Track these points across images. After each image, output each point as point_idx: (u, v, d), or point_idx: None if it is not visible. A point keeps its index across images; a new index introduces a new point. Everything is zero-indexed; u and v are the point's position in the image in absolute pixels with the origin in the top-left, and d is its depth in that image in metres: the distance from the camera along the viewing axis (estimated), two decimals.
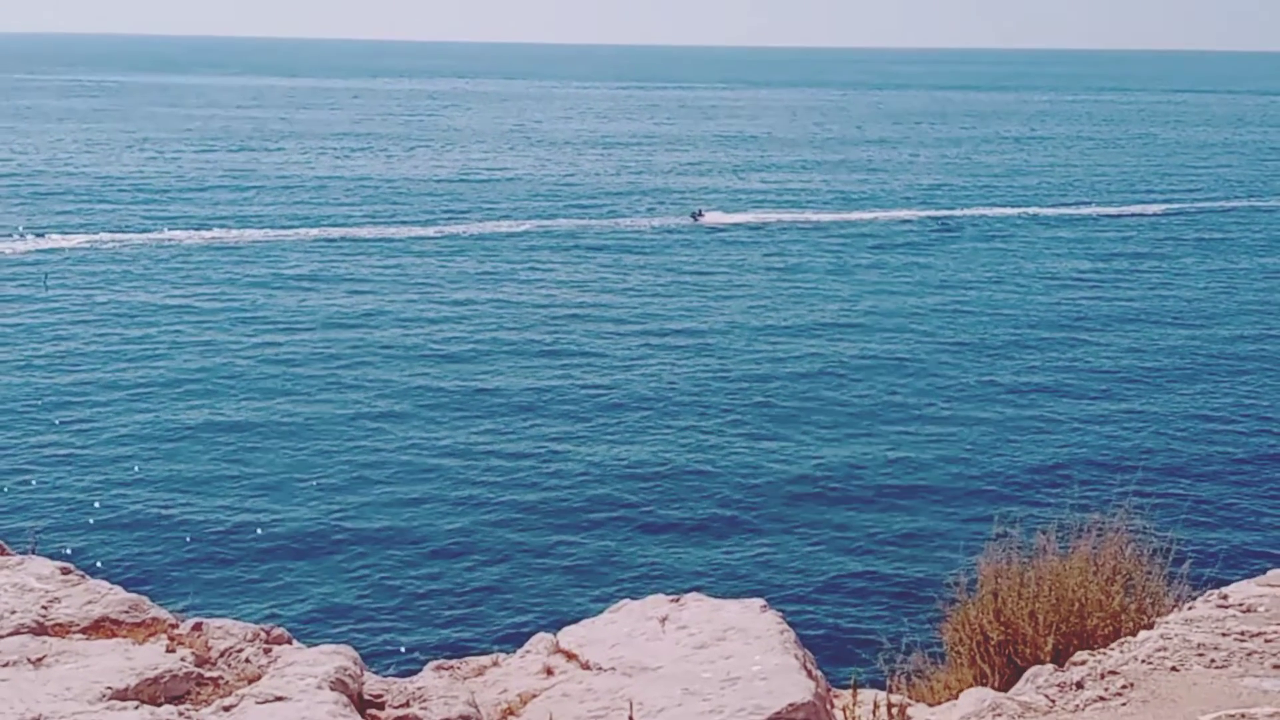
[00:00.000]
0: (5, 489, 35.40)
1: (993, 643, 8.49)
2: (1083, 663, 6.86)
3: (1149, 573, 8.75)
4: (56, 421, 41.28)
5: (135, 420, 41.54)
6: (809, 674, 7.17)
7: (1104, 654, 6.92)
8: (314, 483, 36.31)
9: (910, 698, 8.43)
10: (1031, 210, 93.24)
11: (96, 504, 34.47)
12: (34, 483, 35.98)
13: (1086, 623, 8.30)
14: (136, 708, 5.79)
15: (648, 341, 52.66)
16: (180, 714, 5.80)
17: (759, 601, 8.04)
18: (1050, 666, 7.15)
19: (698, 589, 9.00)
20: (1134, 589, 8.63)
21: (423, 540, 32.66)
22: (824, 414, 43.37)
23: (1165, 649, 6.76)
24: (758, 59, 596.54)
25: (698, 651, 7.45)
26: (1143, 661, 6.65)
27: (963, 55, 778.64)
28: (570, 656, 7.72)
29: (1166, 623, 7.21)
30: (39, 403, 43.14)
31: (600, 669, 7.43)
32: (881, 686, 8.52)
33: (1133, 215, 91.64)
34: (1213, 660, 6.68)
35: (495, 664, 7.95)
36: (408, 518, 34.04)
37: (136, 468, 37.25)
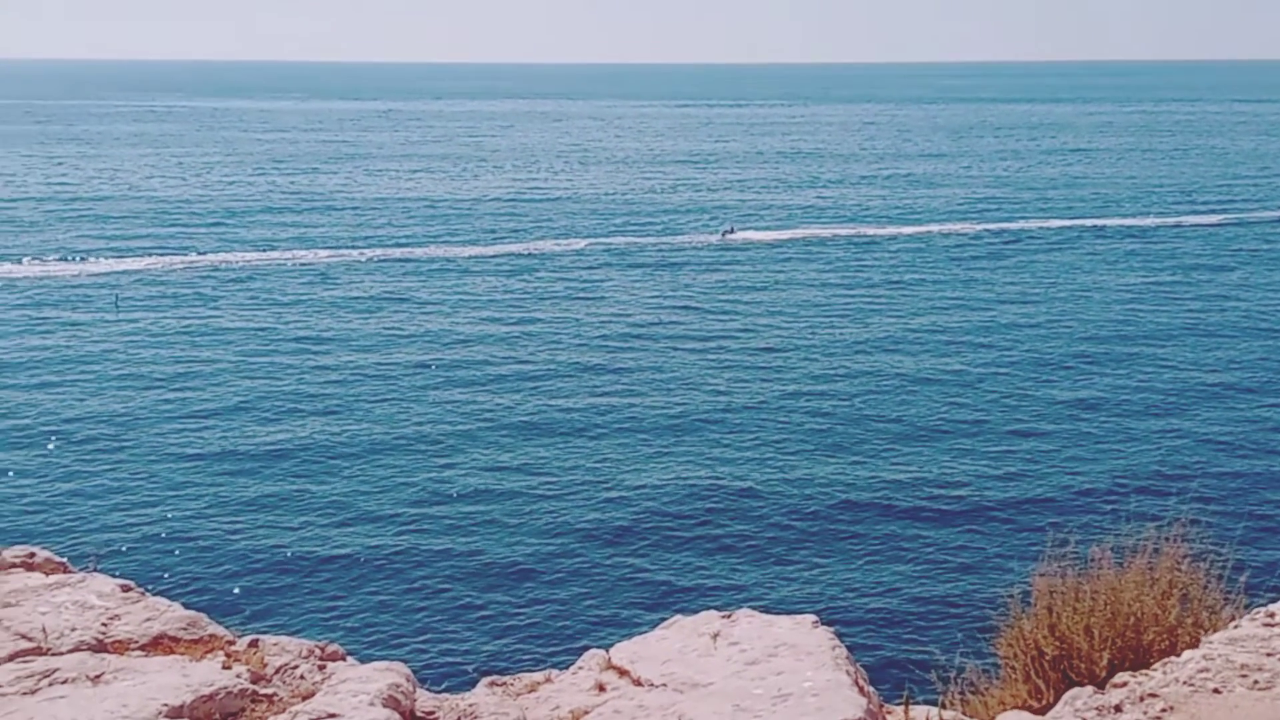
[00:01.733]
0: (70, 507, 35.93)
1: (1047, 658, 8.40)
2: (1123, 684, 6.76)
3: (1206, 586, 8.63)
4: (123, 441, 41.88)
5: (200, 440, 42.06)
6: (861, 690, 7.13)
7: (1146, 675, 6.81)
8: (373, 502, 36.59)
9: (964, 713, 8.37)
10: (1089, 222, 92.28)
11: (159, 523, 34.93)
12: (98, 501, 36.51)
13: (1142, 637, 8.19)
14: None
15: (704, 358, 52.64)
16: None
17: (811, 617, 8.00)
18: (1090, 689, 7.05)
19: (750, 605, 8.99)
20: (1190, 603, 8.52)
21: (479, 558, 32.80)
22: (879, 429, 43.15)
23: (1208, 670, 6.64)
24: (813, 75, 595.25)
25: (749, 668, 7.43)
26: (1184, 683, 6.54)
27: (1018, 68, 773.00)
28: (622, 673, 7.72)
29: (1210, 642, 7.07)
30: (107, 422, 43.80)
31: (652, 685, 7.42)
32: (935, 702, 8.47)
33: (1192, 226, 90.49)
34: (1256, 682, 6.54)
35: (548, 680, 7.96)
36: (465, 536, 34.20)
37: (200, 488, 37.72)
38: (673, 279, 70.54)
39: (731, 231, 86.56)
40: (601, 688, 7.61)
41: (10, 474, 38.84)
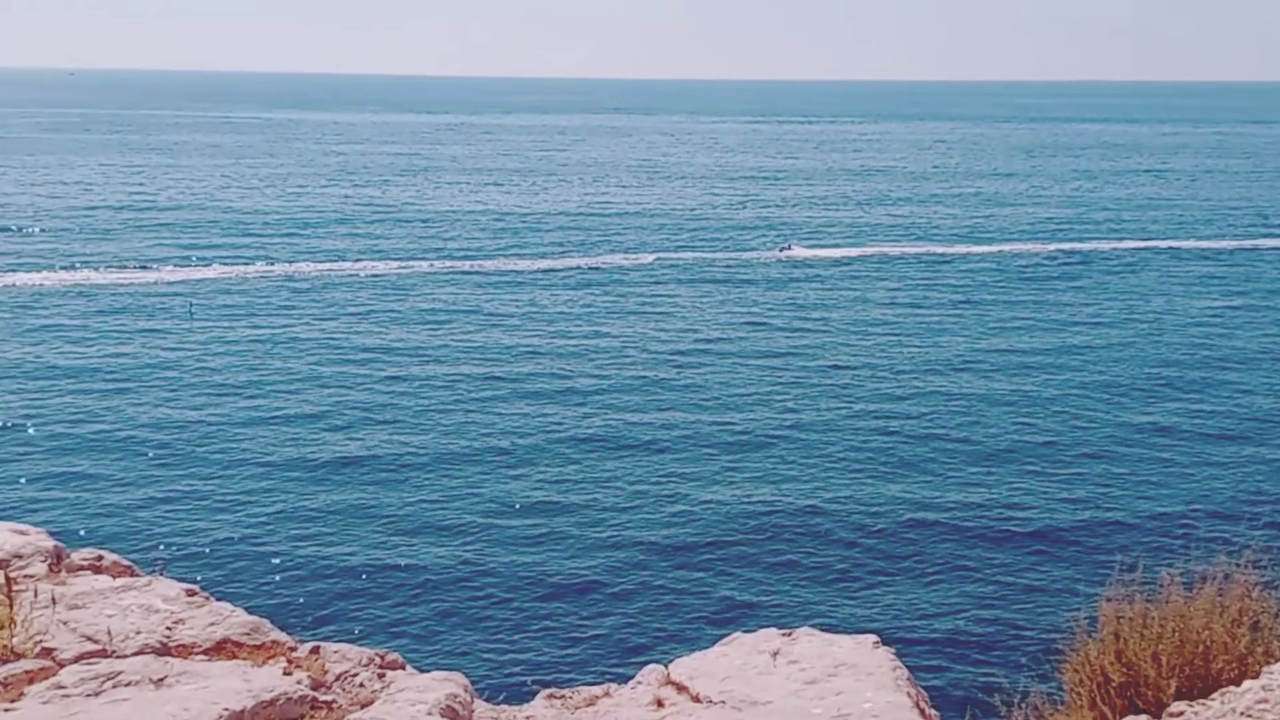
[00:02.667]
0: (141, 512, 36.44)
1: (1114, 684, 8.26)
2: (1179, 714, 6.62)
3: (1277, 615, 8.46)
4: (195, 447, 42.44)
5: (270, 448, 42.52)
6: (922, 713, 7.06)
7: (1203, 705, 6.67)
8: (439, 513, 36.80)
9: None
10: (1164, 244, 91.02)
11: (227, 528, 35.34)
12: (168, 506, 37.00)
13: (1211, 666, 8.05)
14: None
15: (771, 375, 52.48)
16: None
17: (872, 637, 7.94)
18: (1145, 719, 6.92)
19: (811, 624, 8.93)
20: (1261, 632, 8.35)
21: (543, 571, 32.85)
22: (946, 449, 42.78)
23: (1266, 700, 6.48)
24: (884, 92, 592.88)
25: (808, 687, 7.37)
26: (1241, 714, 6.39)
27: (1094, 88, 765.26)
28: (681, 688, 7.69)
29: (1271, 672, 6.92)
30: (180, 428, 44.39)
31: (710, 702, 7.38)
32: None
33: (1270, 249, 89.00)
34: None
35: (607, 694, 7.94)
36: (529, 549, 34.29)
37: (269, 495, 38.12)
38: (741, 295, 70.44)
39: (789, 248, 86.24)
40: (660, 703, 7.58)
41: (84, 478, 39.49)
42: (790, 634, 8.14)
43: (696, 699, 7.46)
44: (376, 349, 56.46)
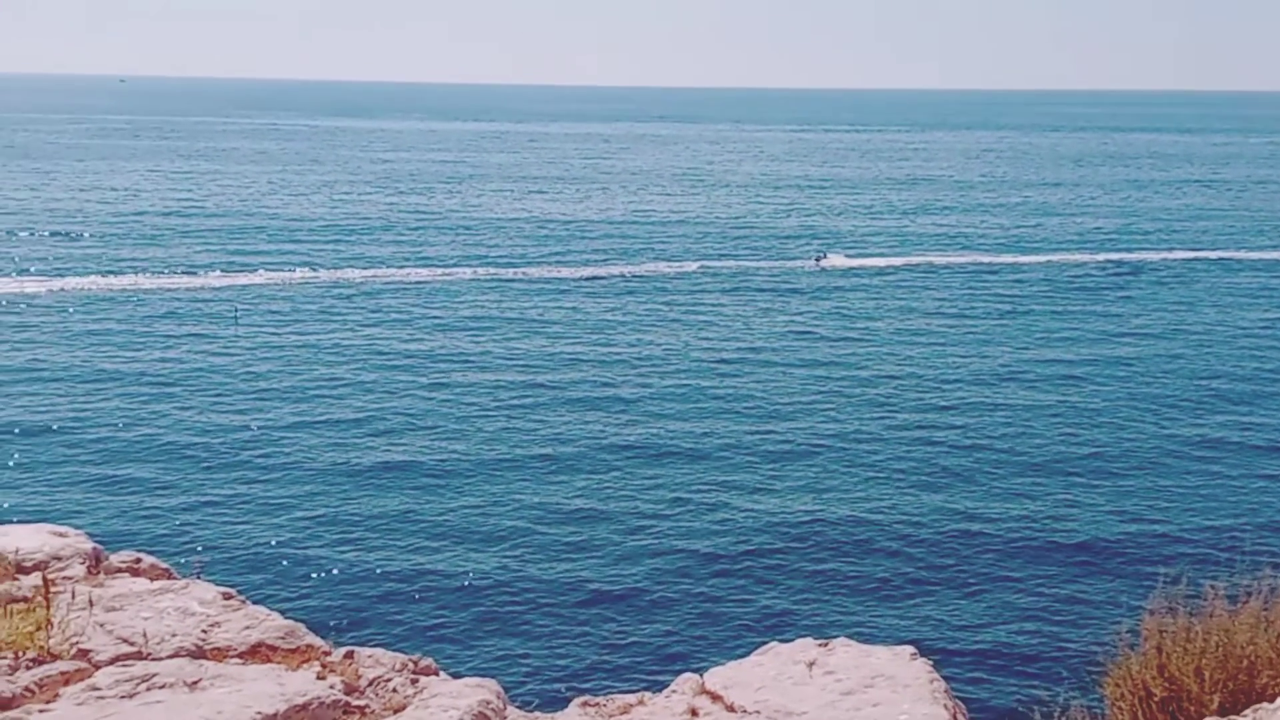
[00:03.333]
0: (179, 515, 36.70)
1: (1156, 699, 8.14)
2: None
3: None
4: (238, 452, 42.73)
5: (311, 454, 42.75)
6: None
7: None
8: (477, 520, 36.87)
9: None
10: (1215, 254, 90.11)
11: (266, 532, 35.56)
12: (209, 510, 37.26)
13: (1256, 680, 7.91)
14: None
15: (812, 385, 52.26)
16: None
17: (909, 649, 7.85)
18: None
19: (849, 635, 8.85)
20: None
21: (581, 578, 32.83)
22: (990, 463, 42.43)
23: None
24: (931, 101, 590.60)
25: (844, 698, 7.31)
26: None
27: (1143, 97, 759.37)
28: (715, 698, 7.65)
29: None
30: (224, 433, 44.71)
31: (745, 712, 7.34)
32: None
33: None
34: None
35: (640, 703, 7.90)
36: (567, 557, 34.29)
37: (309, 500, 38.31)
38: (784, 304, 70.27)
39: (824, 257, 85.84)
40: (694, 712, 7.53)
41: (128, 481, 39.84)
42: (827, 644, 8.08)
43: (731, 708, 7.42)
44: (420, 355, 56.73)
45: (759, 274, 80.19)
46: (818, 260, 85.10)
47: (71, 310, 64.98)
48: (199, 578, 8.05)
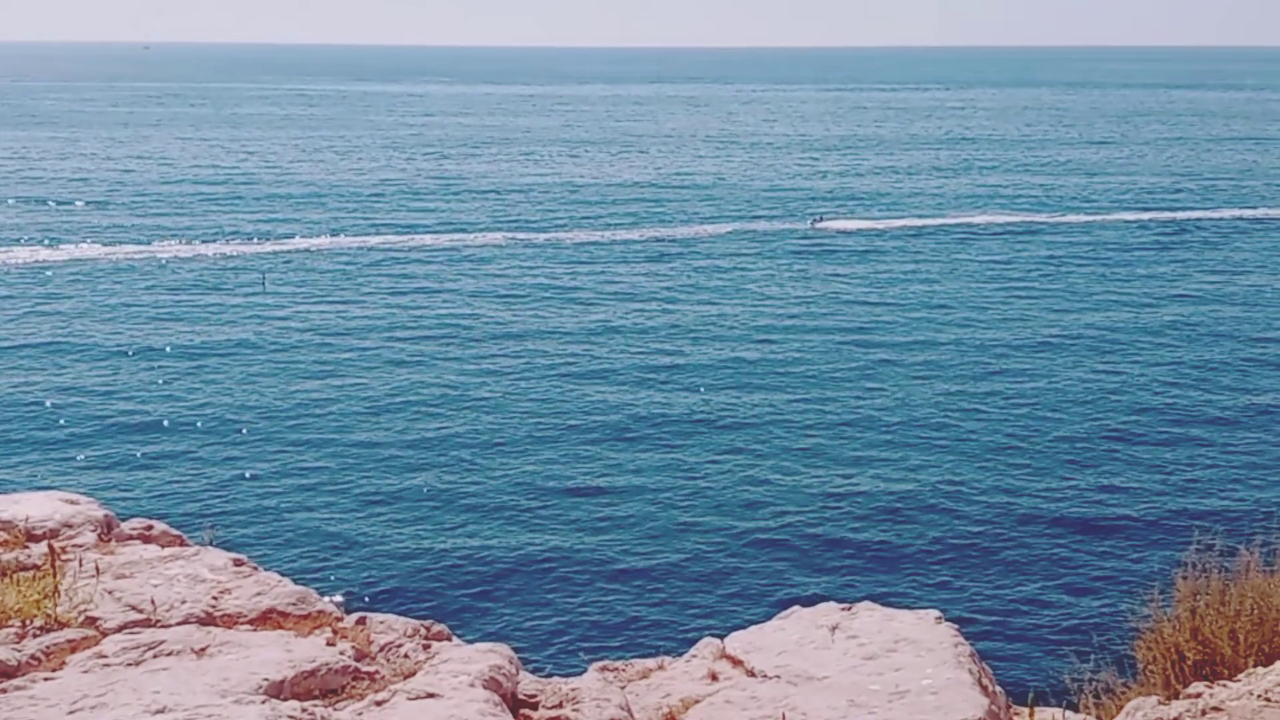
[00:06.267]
0: (195, 483, 36.80)
1: (1189, 663, 7.97)
2: (1196, 695, 6.26)
3: None
4: (262, 421, 42.77)
5: (336, 423, 42.76)
6: (984, 690, 6.81)
7: (1222, 685, 6.29)
8: (501, 492, 36.68)
9: (1098, 716, 7.97)
10: (1261, 212, 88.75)
11: (285, 502, 35.56)
12: (227, 477, 37.33)
13: None
14: (264, 701, 5.80)
15: (846, 352, 51.69)
16: (305, 710, 5.77)
17: (934, 613, 7.68)
18: (1154, 699, 6.56)
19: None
20: None
21: (604, 548, 32.71)
22: (1024, 432, 41.89)
23: None
24: (969, 59, 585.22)
25: (866, 662, 7.16)
26: (1259, 696, 6.00)
27: (1188, 53, 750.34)
28: (735, 662, 7.52)
29: None
30: (249, 403, 44.73)
31: (765, 676, 7.20)
32: (1071, 705, 8.08)
33: None
34: None
35: (660, 667, 7.78)
36: (590, 528, 34.12)
37: (329, 471, 38.26)
38: (819, 267, 69.75)
39: (821, 220, 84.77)
40: (714, 677, 7.41)
41: (150, 450, 39.94)
42: (850, 608, 7.93)
43: (751, 673, 7.29)
44: (445, 323, 56.60)
45: (794, 235, 79.62)
46: (814, 224, 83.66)
47: (99, 279, 65.19)
48: (211, 545, 7.96)
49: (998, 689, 7.16)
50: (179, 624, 6.67)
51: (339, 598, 8.13)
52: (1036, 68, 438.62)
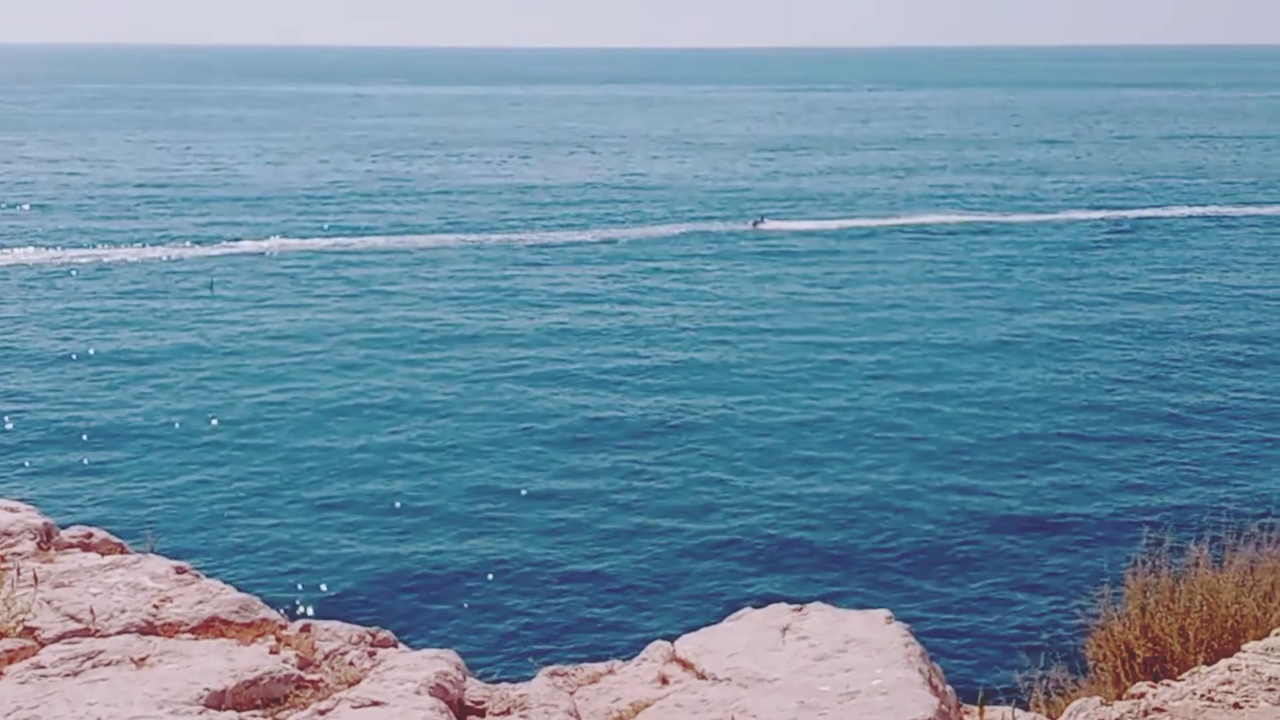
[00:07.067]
0: (136, 489, 36.35)
1: (1139, 660, 7.99)
2: (1139, 695, 6.26)
3: None
4: (208, 428, 42.24)
5: (279, 431, 42.23)
6: (934, 689, 6.80)
7: (1166, 685, 6.30)
8: (450, 499, 36.36)
9: (1048, 715, 7.98)
10: (1212, 210, 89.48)
11: (230, 510, 35.15)
12: (170, 484, 36.86)
13: (1241, 640, 7.74)
14: (201, 713, 5.69)
15: (798, 354, 51.63)
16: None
17: (884, 613, 7.68)
18: (1096, 700, 6.57)
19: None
20: None
21: (554, 555, 32.48)
22: (974, 433, 41.95)
23: (1231, 682, 6.08)
24: (920, 59, 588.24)
25: (817, 663, 7.13)
26: (1201, 696, 5.99)
27: (1139, 53, 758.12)
28: (686, 665, 7.48)
29: (1243, 652, 6.54)
30: (195, 410, 44.14)
31: (716, 679, 7.17)
32: (1021, 704, 8.09)
33: None
34: None
35: (610, 672, 7.73)
36: (540, 535, 33.83)
37: (277, 478, 37.83)
38: (772, 268, 69.77)
39: (761, 221, 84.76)
40: (664, 680, 7.37)
41: (90, 459, 39.29)
42: (801, 609, 7.91)
43: (701, 676, 7.25)
44: (393, 326, 56.11)
45: (746, 237, 79.67)
46: (755, 225, 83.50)
47: (41, 284, 64.28)
48: (153, 553, 7.83)
49: (948, 688, 7.15)
50: (118, 633, 6.56)
51: (284, 606, 7.99)
52: (989, 68, 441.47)
